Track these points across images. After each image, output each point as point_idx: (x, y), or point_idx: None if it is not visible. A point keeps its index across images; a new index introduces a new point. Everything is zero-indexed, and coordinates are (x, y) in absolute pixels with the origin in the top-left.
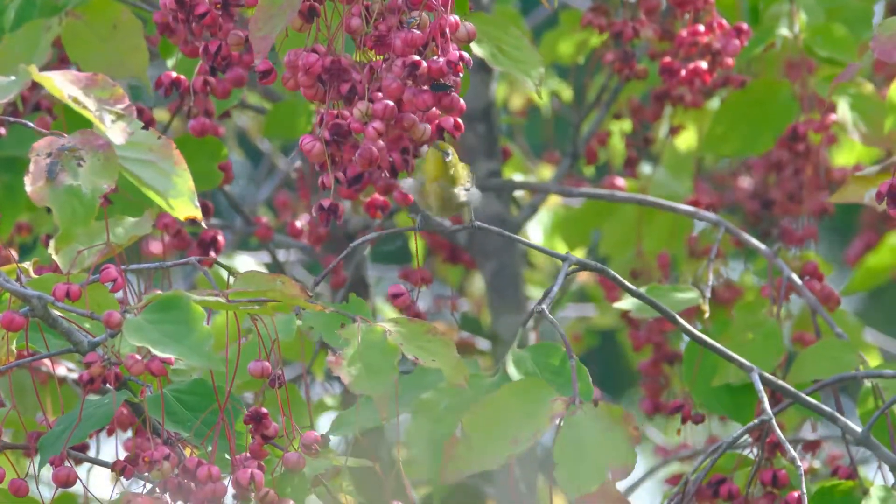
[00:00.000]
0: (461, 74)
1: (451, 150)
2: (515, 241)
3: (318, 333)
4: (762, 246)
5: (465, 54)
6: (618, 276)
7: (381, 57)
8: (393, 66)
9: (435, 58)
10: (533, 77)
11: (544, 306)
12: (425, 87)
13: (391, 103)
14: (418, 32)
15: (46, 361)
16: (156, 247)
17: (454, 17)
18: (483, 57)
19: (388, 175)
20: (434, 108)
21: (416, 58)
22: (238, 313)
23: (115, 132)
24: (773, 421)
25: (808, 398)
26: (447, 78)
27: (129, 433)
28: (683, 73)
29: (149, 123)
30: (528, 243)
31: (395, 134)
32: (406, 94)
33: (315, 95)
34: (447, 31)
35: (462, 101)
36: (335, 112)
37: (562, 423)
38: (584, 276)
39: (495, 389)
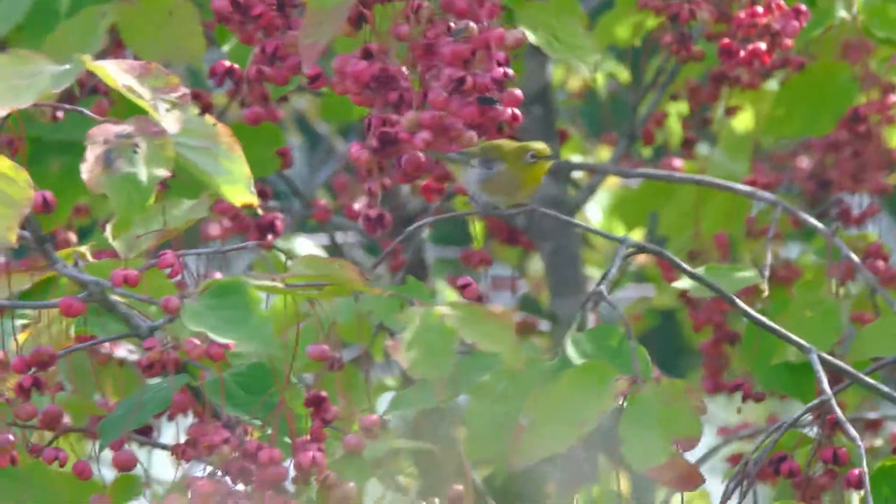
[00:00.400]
0: (506, 88)
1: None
2: (571, 224)
3: (377, 317)
4: (820, 225)
5: (510, 71)
6: (674, 257)
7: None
8: (441, 76)
9: (481, 73)
10: (588, 63)
11: (602, 288)
12: (471, 100)
13: (439, 113)
14: (466, 45)
15: (106, 344)
16: (214, 229)
17: (499, 30)
18: (538, 45)
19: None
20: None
21: (462, 73)
22: (296, 297)
23: (170, 121)
24: (833, 401)
25: (867, 378)
26: (492, 92)
27: (189, 417)
28: (742, 54)
29: (206, 108)
30: (583, 226)
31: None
32: (452, 105)
33: (363, 102)
34: (492, 44)
35: (518, 94)
36: (383, 119)
37: (626, 402)
38: (642, 257)
39: (554, 373)
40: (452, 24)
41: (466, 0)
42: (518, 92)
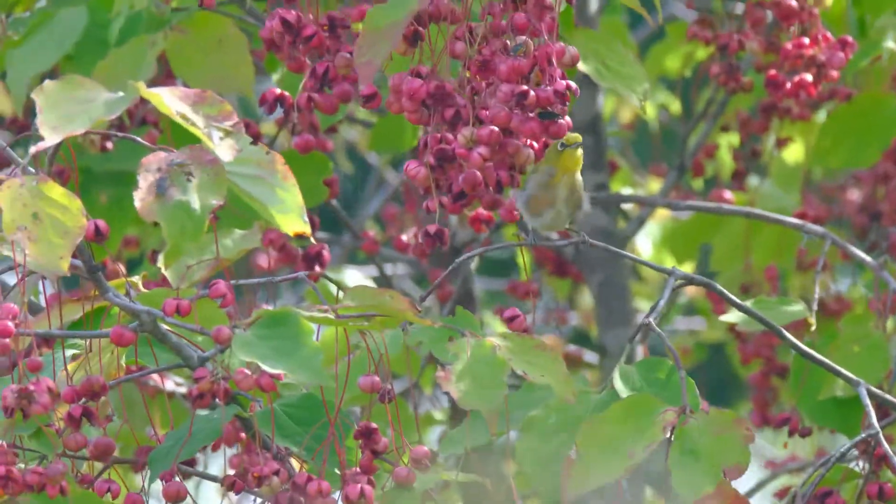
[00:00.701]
0: (568, 103)
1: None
2: (620, 255)
3: (426, 348)
4: (868, 258)
5: (573, 84)
6: (723, 289)
7: (484, 81)
8: (498, 92)
9: (543, 86)
10: (638, 93)
11: (651, 319)
12: (532, 115)
13: (496, 129)
14: (524, 60)
15: (155, 376)
16: (263, 260)
17: (559, 44)
18: (588, 73)
19: (493, 191)
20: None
21: (525, 87)
22: (347, 328)
23: (224, 149)
24: (881, 435)
25: None
26: (554, 106)
27: (239, 448)
28: (789, 85)
29: (256, 138)
30: (632, 257)
31: (500, 156)
32: (514, 121)
33: (419, 120)
34: (553, 58)
35: (568, 122)
36: (439, 136)
37: (673, 433)
38: (691, 290)
39: (604, 406)
40: (508, 42)
41: (526, 15)
42: (568, 120)
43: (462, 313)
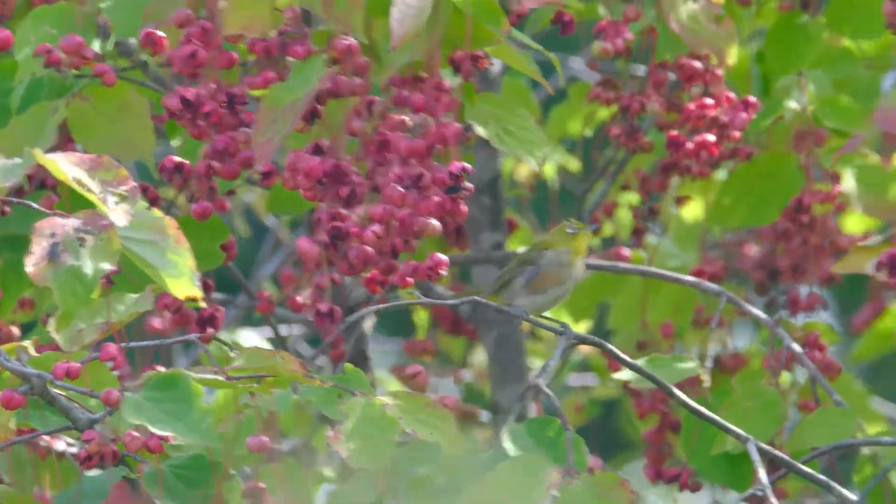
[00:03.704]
0: (463, 183)
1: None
2: (514, 316)
3: (316, 406)
4: (763, 315)
5: (468, 165)
6: (613, 349)
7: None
8: (391, 172)
9: (439, 167)
10: (537, 157)
11: (540, 381)
12: (428, 195)
13: (391, 207)
14: (421, 141)
15: (45, 437)
16: (157, 322)
17: (455, 126)
18: (488, 138)
19: (389, 257)
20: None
21: (420, 170)
22: (236, 389)
23: (119, 214)
24: (769, 490)
25: (802, 467)
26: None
27: None
28: (690, 145)
29: (153, 202)
30: (527, 318)
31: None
32: (409, 199)
33: (314, 197)
34: (449, 140)
35: (470, 187)
36: (333, 213)
37: (558, 495)
38: (586, 346)
39: (492, 464)
40: (406, 119)
41: (423, 96)
42: (469, 185)
43: (352, 372)
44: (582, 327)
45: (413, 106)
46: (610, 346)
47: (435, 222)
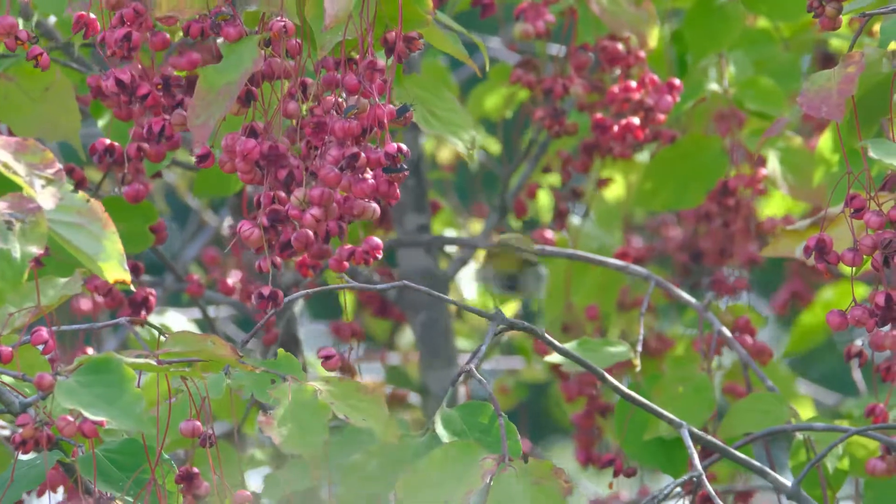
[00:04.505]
0: (400, 164)
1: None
2: (444, 300)
3: (248, 391)
4: (692, 300)
5: (403, 146)
6: (546, 335)
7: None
8: (328, 154)
9: (374, 148)
10: (465, 140)
11: (472, 365)
12: (363, 176)
13: (328, 189)
14: (356, 122)
15: None
16: (86, 304)
17: (389, 106)
18: (415, 121)
19: (321, 242)
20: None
21: (355, 150)
22: (168, 374)
23: (46, 197)
24: (704, 477)
25: (737, 453)
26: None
27: (61, 493)
28: (616, 129)
29: (80, 184)
30: (456, 303)
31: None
32: (344, 182)
33: (252, 180)
34: (384, 120)
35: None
36: (272, 196)
37: (492, 482)
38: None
39: (425, 450)
40: (341, 101)
41: (356, 76)
42: (405, 166)
43: (284, 357)
44: (509, 310)
45: (347, 87)
46: (540, 332)
47: (374, 205)
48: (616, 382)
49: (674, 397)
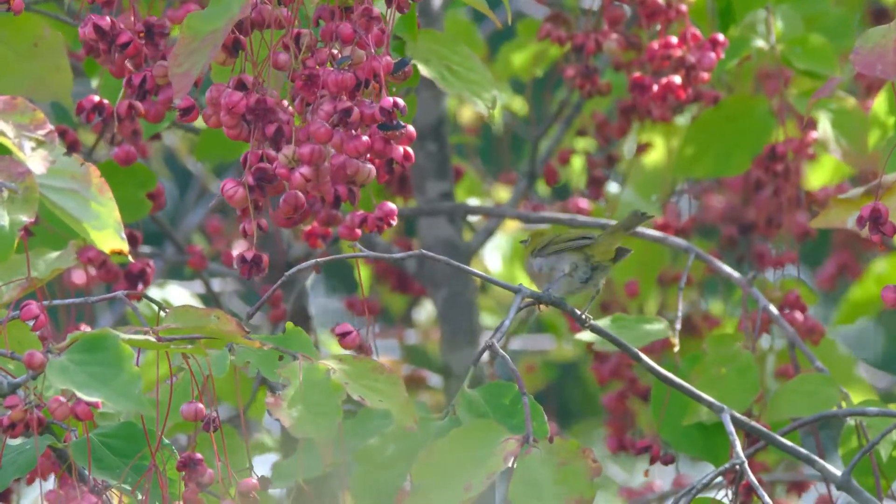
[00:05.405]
0: (398, 121)
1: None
2: (466, 271)
3: (255, 370)
4: (736, 274)
5: (401, 101)
6: (574, 308)
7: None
8: (320, 109)
9: (368, 103)
10: (486, 99)
11: (495, 341)
12: (356, 133)
13: (319, 147)
14: (349, 74)
15: None
16: (79, 278)
17: (386, 59)
18: (431, 78)
19: (330, 207)
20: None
21: (348, 104)
22: (169, 351)
23: (36, 161)
24: (746, 465)
25: (783, 440)
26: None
27: (53, 480)
28: (655, 88)
29: (73, 147)
30: (477, 273)
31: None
32: (335, 139)
33: (239, 136)
34: (380, 73)
35: (411, 132)
36: (260, 153)
37: (515, 464)
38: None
39: (445, 433)
40: (336, 52)
41: (351, 25)
42: (411, 129)
43: (293, 332)
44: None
45: (341, 36)
46: (569, 306)
47: (369, 166)
48: (651, 363)
49: (715, 379)
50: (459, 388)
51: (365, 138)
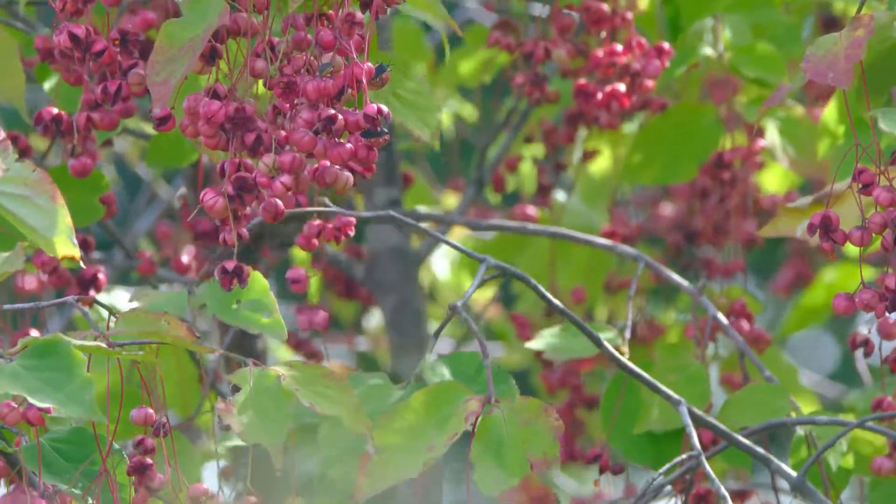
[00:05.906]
0: (381, 127)
1: None
2: (438, 239)
3: (211, 312)
4: (685, 283)
5: (384, 107)
6: (538, 285)
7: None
8: (299, 116)
9: (352, 110)
10: (431, 125)
11: (459, 304)
12: (340, 141)
13: (300, 156)
14: (331, 81)
15: None
16: (30, 283)
17: (368, 65)
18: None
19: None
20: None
21: (332, 112)
22: (120, 357)
23: None
24: (703, 457)
25: (741, 438)
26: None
27: (3, 485)
28: (600, 96)
29: (24, 152)
30: (450, 242)
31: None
32: (319, 147)
33: (217, 145)
34: (363, 79)
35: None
36: (238, 162)
37: (477, 424)
38: (492, 313)
39: (406, 398)
40: (314, 59)
41: (333, 31)
42: (385, 130)
43: (253, 278)
44: (487, 294)
45: (321, 43)
46: (534, 283)
47: (347, 173)
48: (615, 352)
49: (666, 387)
50: (421, 360)
51: (349, 146)
